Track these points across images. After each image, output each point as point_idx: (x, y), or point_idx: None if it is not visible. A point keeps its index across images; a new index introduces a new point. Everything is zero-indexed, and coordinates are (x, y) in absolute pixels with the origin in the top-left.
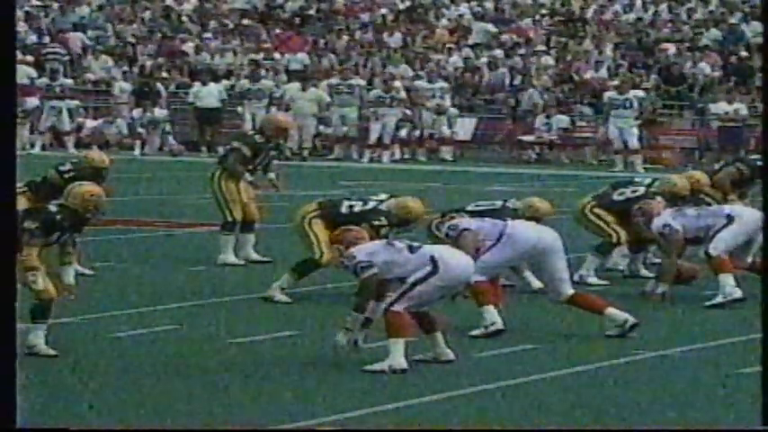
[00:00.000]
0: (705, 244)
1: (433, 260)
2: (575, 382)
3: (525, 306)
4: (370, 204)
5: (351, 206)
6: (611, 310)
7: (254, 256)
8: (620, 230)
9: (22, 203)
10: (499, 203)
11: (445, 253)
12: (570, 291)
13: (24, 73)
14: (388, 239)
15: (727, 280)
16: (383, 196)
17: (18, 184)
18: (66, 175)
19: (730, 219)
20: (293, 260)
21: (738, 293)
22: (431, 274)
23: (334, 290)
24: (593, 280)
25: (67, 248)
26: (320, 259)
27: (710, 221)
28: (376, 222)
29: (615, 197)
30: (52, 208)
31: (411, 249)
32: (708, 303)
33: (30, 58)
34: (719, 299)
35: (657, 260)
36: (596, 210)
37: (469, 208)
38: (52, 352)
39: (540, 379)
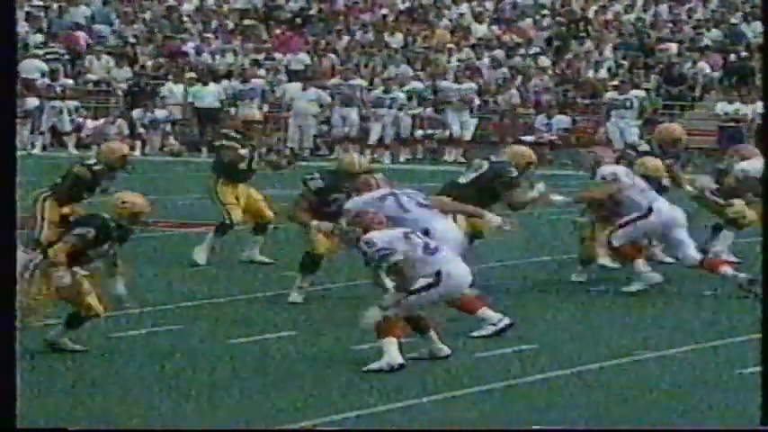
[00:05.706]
0: (611, 229)
1: (438, 275)
2: (575, 382)
3: (525, 306)
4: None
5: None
6: (485, 311)
7: (259, 258)
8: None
9: (49, 208)
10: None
11: (452, 267)
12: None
13: (36, 67)
14: (406, 233)
15: (640, 266)
16: None
17: (43, 189)
18: (95, 167)
19: (649, 211)
20: (293, 260)
21: (658, 278)
22: (432, 285)
23: (334, 290)
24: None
25: (113, 260)
26: (314, 250)
27: (641, 204)
28: (307, 176)
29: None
30: (105, 215)
31: (426, 249)
32: (625, 289)
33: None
34: (638, 286)
35: (660, 259)
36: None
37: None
38: (79, 347)
39: (540, 379)
